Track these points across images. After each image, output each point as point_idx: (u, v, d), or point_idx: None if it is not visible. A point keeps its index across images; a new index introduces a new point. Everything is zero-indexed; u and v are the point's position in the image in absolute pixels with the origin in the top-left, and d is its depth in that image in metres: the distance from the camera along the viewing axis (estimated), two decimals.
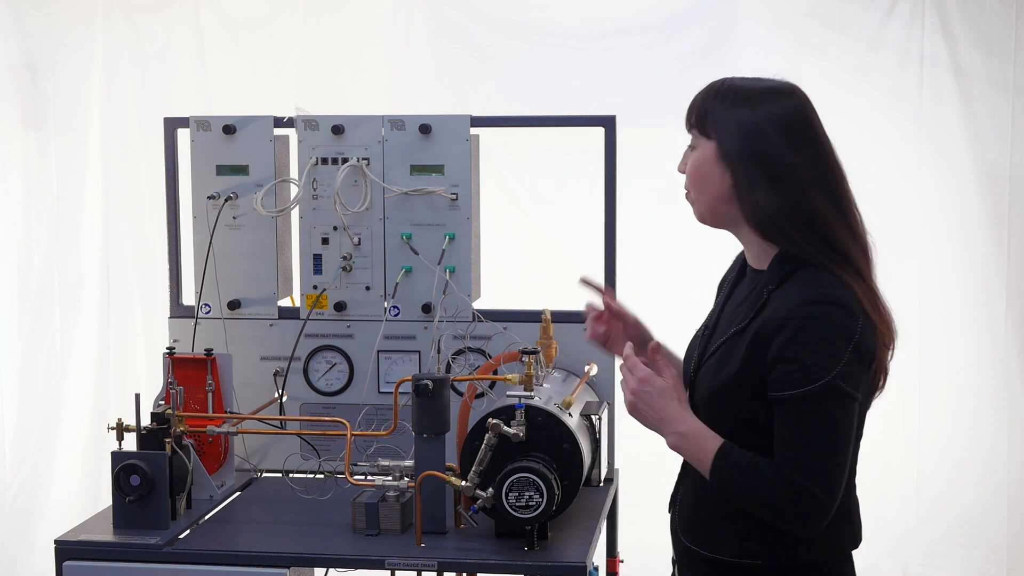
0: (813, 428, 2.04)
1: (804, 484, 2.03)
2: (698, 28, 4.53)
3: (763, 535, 2.13)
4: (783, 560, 2.14)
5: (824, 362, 2.03)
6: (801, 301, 2.07)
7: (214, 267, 3.16)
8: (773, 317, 2.08)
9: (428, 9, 4.63)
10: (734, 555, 2.16)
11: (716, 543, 2.19)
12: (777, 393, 2.07)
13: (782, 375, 2.06)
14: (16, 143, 4.58)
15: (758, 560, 2.14)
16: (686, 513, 2.28)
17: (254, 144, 3.15)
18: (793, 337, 2.05)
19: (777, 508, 2.06)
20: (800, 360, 2.04)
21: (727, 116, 2.18)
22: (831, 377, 2.03)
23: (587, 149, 3.36)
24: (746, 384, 2.11)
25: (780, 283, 2.13)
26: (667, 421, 2.15)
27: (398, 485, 2.66)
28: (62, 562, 2.56)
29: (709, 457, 2.11)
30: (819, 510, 2.05)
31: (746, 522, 2.14)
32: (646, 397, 2.16)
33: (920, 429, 4.54)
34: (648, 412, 2.16)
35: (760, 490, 2.06)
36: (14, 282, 4.59)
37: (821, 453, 2.04)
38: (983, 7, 4.38)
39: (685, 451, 2.16)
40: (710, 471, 2.11)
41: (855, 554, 2.26)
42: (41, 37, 4.56)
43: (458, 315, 3.08)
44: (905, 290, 4.53)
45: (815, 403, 2.04)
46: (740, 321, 2.17)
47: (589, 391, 3.01)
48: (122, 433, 2.73)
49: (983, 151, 4.43)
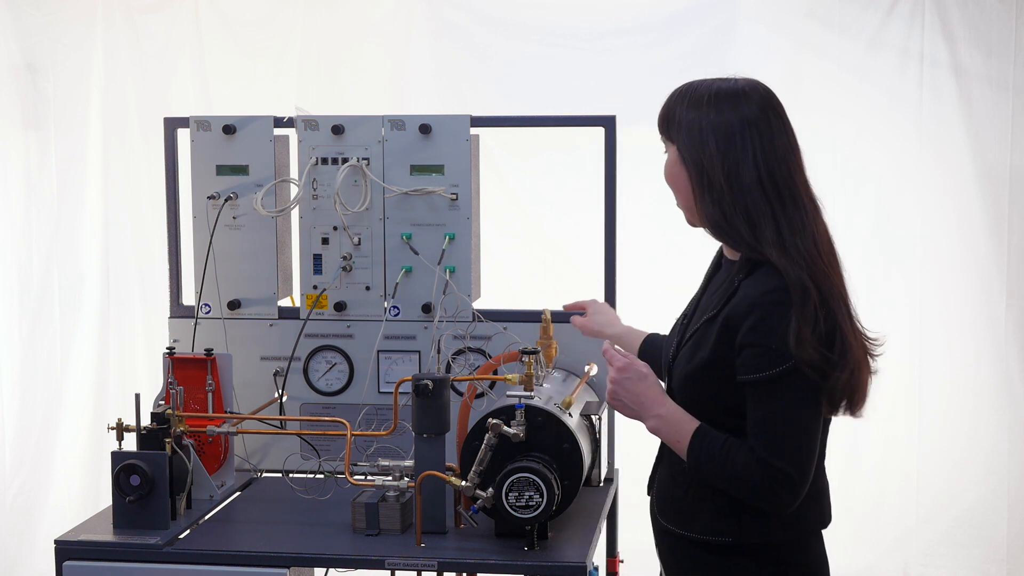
0: (780, 409, 2.14)
1: (776, 463, 2.12)
2: (698, 28, 4.53)
3: (735, 513, 2.22)
4: (753, 537, 2.23)
5: (786, 346, 2.11)
6: (766, 288, 2.16)
7: (214, 267, 3.16)
8: (741, 303, 2.18)
9: (428, 9, 4.63)
10: (706, 533, 2.25)
11: (689, 521, 2.28)
12: (745, 376, 2.16)
13: (749, 359, 2.15)
14: (16, 143, 4.58)
15: (728, 538, 2.23)
16: (663, 494, 2.37)
17: (254, 144, 3.15)
18: (758, 323, 2.14)
19: (751, 486, 2.15)
20: (766, 344, 2.13)
21: (682, 120, 2.26)
22: (794, 361, 2.12)
23: (587, 149, 3.37)
24: (717, 368, 2.20)
25: (750, 272, 2.22)
26: (646, 405, 2.25)
27: (398, 485, 2.66)
28: (62, 562, 2.56)
29: (686, 439, 2.21)
30: (791, 487, 2.14)
31: (718, 501, 2.23)
32: (626, 383, 2.25)
33: (920, 429, 4.54)
34: (628, 398, 2.26)
35: (734, 470, 2.16)
36: (14, 282, 4.59)
37: (790, 433, 2.14)
38: (983, 7, 4.38)
39: (664, 434, 2.26)
40: (687, 452, 2.21)
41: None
42: (41, 37, 4.56)
43: (458, 315, 3.08)
44: (905, 290, 4.53)
45: (780, 385, 2.13)
46: (712, 309, 2.26)
47: (589, 391, 3.01)
48: (122, 433, 2.73)
49: (983, 151, 4.43)
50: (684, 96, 2.28)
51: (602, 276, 3.13)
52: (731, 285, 2.24)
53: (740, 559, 2.24)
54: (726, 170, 2.20)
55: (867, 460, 4.49)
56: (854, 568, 4.47)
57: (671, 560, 2.37)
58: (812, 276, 2.15)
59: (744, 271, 2.23)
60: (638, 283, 4.00)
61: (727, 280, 2.28)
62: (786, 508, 2.17)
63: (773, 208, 2.19)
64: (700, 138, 2.23)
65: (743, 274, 2.23)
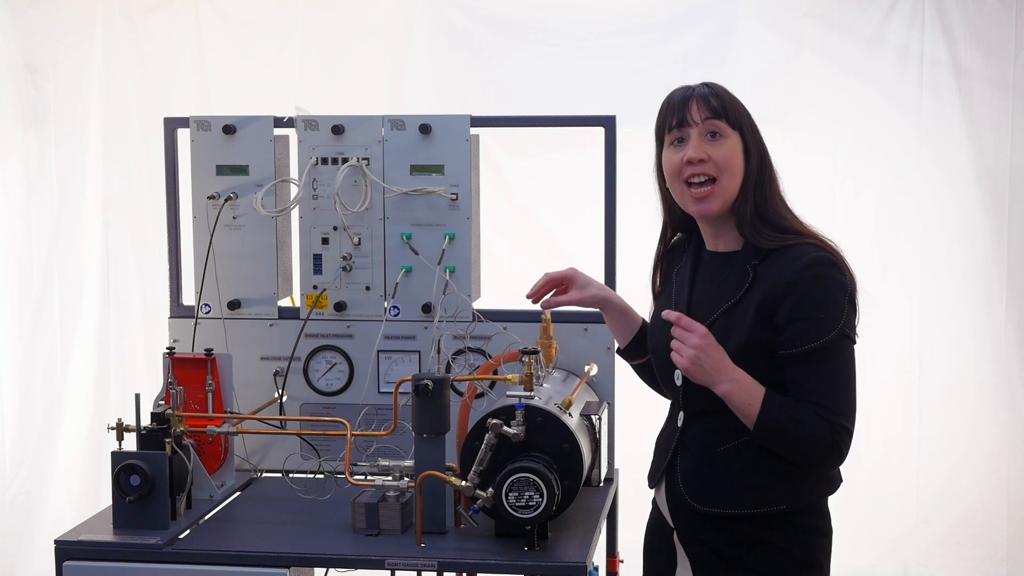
0: (834, 372, 2.32)
1: (840, 421, 2.31)
2: (698, 28, 4.53)
3: (783, 481, 2.35)
4: (804, 500, 2.37)
5: (832, 315, 2.30)
6: (801, 266, 2.31)
7: (214, 267, 3.16)
8: (777, 283, 2.32)
9: (428, 9, 4.63)
10: (758, 505, 2.36)
11: (736, 499, 2.37)
12: (796, 349, 2.30)
13: (799, 332, 2.30)
14: (16, 143, 4.59)
15: (784, 505, 2.36)
16: (695, 481, 2.44)
17: (254, 144, 3.15)
18: (803, 297, 2.30)
19: (819, 445, 2.30)
20: (814, 316, 2.30)
21: (741, 111, 2.42)
22: (840, 326, 2.30)
23: (587, 149, 3.36)
24: (754, 350, 2.33)
25: (764, 257, 2.37)
26: (724, 371, 2.33)
27: (398, 485, 2.65)
28: (62, 562, 2.56)
29: (758, 402, 2.32)
30: (849, 441, 2.34)
31: (762, 473, 2.36)
32: (709, 349, 2.32)
33: (920, 429, 4.55)
34: (709, 363, 2.32)
35: (805, 430, 2.30)
36: (14, 282, 4.60)
37: (846, 392, 2.33)
38: (983, 7, 4.38)
39: (736, 397, 2.33)
40: (758, 415, 2.31)
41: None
42: (41, 37, 4.56)
43: (458, 315, 3.08)
44: (905, 290, 4.53)
45: (831, 351, 2.31)
46: (728, 298, 2.39)
47: (589, 391, 3.01)
48: (122, 433, 2.73)
49: (983, 151, 4.43)
50: (727, 91, 2.43)
51: (602, 276, 3.13)
52: (745, 273, 2.37)
53: (782, 526, 2.37)
54: (770, 162, 2.43)
55: (867, 460, 4.49)
56: (854, 568, 4.47)
57: (707, 539, 2.42)
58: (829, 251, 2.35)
59: (756, 258, 2.37)
60: (638, 283, 4.00)
61: (732, 270, 2.41)
62: (840, 462, 2.38)
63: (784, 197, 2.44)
64: (757, 130, 2.43)
65: (756, 260, 2.37)
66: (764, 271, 2.35)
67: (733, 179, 2.39)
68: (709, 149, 2.38)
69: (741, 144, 2.40)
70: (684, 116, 2.40)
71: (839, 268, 2.34)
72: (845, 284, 2.33)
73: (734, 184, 2.39)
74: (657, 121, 2.47)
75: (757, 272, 2.36)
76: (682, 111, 2.40)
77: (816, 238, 2.38)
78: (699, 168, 2.38)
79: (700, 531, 2.43)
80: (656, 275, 2.66)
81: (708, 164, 2.38)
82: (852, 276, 2.37)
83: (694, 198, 2.41)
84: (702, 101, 2.39)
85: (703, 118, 2.39)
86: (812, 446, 2.31)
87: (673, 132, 2.42)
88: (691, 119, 2.39)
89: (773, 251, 2.36)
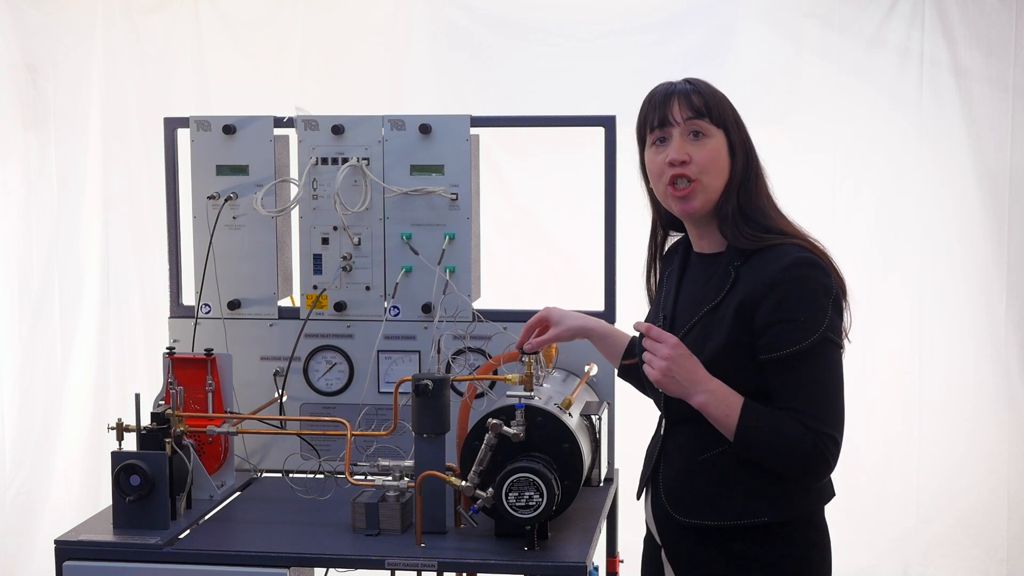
0: (818, 378, 2.22)
1: (825, 430, 2.20)
2: (698, 28, 4.53)
3: (764, 493, 2.26)
4: (785, 513, 2.27)
5: (814, 318, 2.20)
6: (781, 267, 2.22)
7: (214, 267, 3.16)
8: (757, 286, 2.23)
9: (428, 9, 4.63)
10: (740, 517, 2.27)
11: (718, 510, 2.29)
12: (775, 353, 2.21)
13: (779, 335, 2.21)
14: (16, 143, 4.59)
15: (764, 517, 2.26)
16: (676, 491, 2.37)
17: (254, 144, 3.14)
18: (783, 300, 2.21)
19: (802, 455, 2.20)
20: (794, 319, 2.20)
21: (726, 109, 2.34)
22: (822, 330, 2.20)
23: (587, 149, 3.36)
24: (733, 353, 2.25)
25: (746, 259, 2.28)
26: (698, 381, 2.25)
27: (398, 485, 2.65)
28: (62, 562, 2.56)
29: (735, 412, 2.23)
30: (836, 452, 2.22)
31: (745, 484, 2.26)
32: (680, 360, 2.24)
33: (920, 429, 4.54)
34: (681, 374, 2.24)
35: (787, 439, 2.20)
36: (14, 282, 4.60)
37: (831, 399, 2.23)
38: (983, 7, 4.38)
39: (712, 408, 2.25)
40: (736, 425, 2.22)
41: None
42: (41, 37, 4.56)
43: (458, 315, 3.08)
44: (905, 291, 4.53)
45: (813, 356, 2.21)
46: (711, 299, 2.31)
47: (589, 391, 3.01)
48: (122, 433, 2.73)
49: (983, 151, 4.43)
50: (711, 87, 2.35)
51: (602, 276, 3.13)
52: (727, 274, 2.29)
53: (769, 540, 2.27)
54: (756, 159, 2.35)
55: (867, 460, 4.49)
56: (854, 568, 4.47)
57: (692, 555, 2.35)
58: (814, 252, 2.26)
59: (739, 259, 2.29)
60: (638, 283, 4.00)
61: (715, 271, 2.33)
62: (827, 474, 2.26)
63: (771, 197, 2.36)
64: (743, 127, 2.35)
65: (739, 261, 2.29)
66: (746, 272, 2.27)
67: (716, 179, 2.30)
68: (691, 150, 2.30)
69: (726, 142, 2.31)
70: (665, 115, 2.31)
71: (823, 269, 2.24)
72: (829, 286, 2.23)
73: (717, 183, 2.31)
74: (639, 119, 2.38)
75: (739, 273, 2.28)
76: (663, 110, 2.32)
77: (801, 238, 2.29)
78: (681, 169, 2.29)
79: (685, 546, 2.36)
80: (650, 277, 2.60)
81: (690, 165, 2.29)
82: (840, 278, 2.27)
83: (676, 197, 2.33)
84: (684, 99, 2.31)
85: (685, 118, 2.30)
86: (795, 456, 2.21)
87: (655, 132, 2.34)
88: (672, 118, 2.31)
89: (756, 252, 2.28)
